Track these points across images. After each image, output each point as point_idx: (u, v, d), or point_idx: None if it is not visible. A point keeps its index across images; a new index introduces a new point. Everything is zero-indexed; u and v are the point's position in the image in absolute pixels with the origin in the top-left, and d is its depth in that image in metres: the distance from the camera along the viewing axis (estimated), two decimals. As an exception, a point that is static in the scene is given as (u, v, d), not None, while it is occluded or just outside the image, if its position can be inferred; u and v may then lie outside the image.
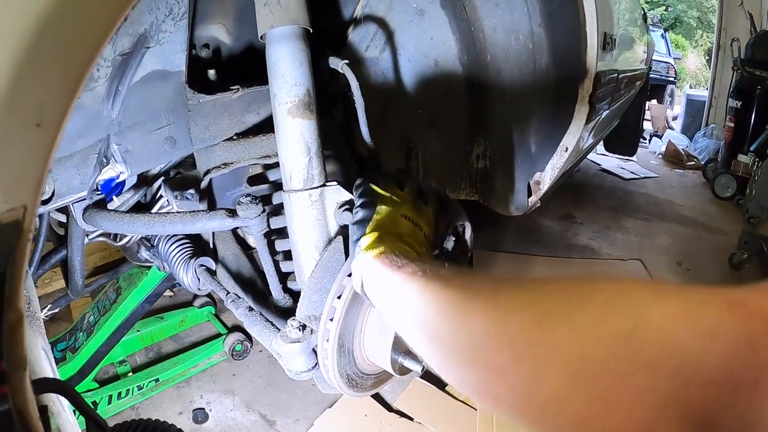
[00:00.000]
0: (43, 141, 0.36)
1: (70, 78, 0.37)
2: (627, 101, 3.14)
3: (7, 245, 0.36)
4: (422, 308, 0.61)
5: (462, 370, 0.55)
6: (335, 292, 0.90)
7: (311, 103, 0.94)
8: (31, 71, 0.34)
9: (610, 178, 5.51)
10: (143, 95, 0.96)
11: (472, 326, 0.52)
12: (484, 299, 0.53)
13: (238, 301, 1.09)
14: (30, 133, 0.35)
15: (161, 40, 0.93)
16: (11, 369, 0.38)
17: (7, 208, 0.35)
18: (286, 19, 0.91)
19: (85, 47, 0.37)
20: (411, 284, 0.65)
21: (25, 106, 0.35)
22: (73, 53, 0.37)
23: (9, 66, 0.33)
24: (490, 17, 1.37)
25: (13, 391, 0.39)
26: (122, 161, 0.98)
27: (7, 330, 0.37)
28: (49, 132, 0.36)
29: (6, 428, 0.38)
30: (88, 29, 0.37)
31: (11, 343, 0.38)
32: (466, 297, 0.56)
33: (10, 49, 0.33)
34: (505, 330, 0.48)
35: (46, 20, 0.34)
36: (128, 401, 1.96)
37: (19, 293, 0.38)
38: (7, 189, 0.35)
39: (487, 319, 0.51)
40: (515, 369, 0.46)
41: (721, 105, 6.66)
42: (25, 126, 0.35)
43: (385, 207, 0.87)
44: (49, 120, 0.36)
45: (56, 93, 0.36)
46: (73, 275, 1.32)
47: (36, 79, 0.35)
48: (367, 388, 1.07)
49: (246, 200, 0.96)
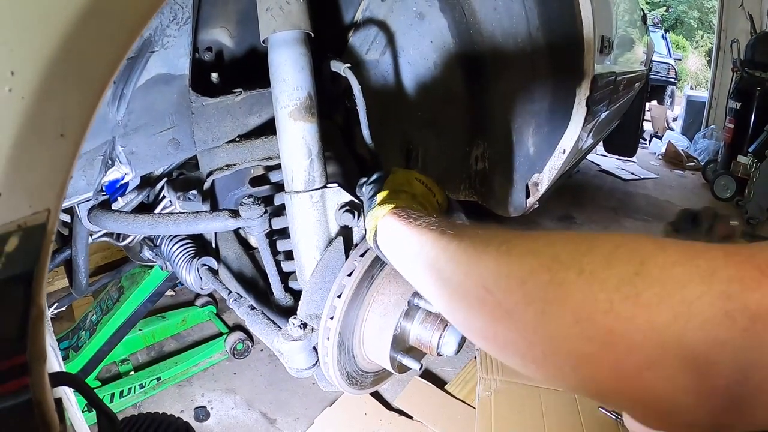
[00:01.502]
0: (66, 150, 0.39)
1: (90, 93, 0.40)
2: (626, 102, 3.16)
3: (33, 246, 0.39)
4: (434, 256, 0.63)
5: (472, 315, 0.57)
6: (335, 291, 0.92)
7: (312, 107, 0.96)
8: (56, 88, 0.37)
9: (609, 178, 5.53)
10: (148, 98, 0.98)
11: (484, 271, 0.54)
12: (497, 245, 0.54)
13: (240, 300, 1.10)
14: (54, 144, 0.38)
15: (165, 45, 0.95)
16: (33, 361, 0.41)
17: (33, 211, 0.38)
18: (287, 24, 0.92)
19: (103, 66, 0.40)
20: (424, 235, 0.67)
21: (50, 119, 0.37)
22: (93, 72, 0.39)
23: (36, 83, 0.36)
24: (489, 21, 1.39)
25: (34, 382, 0.41)
26: (127, 163, 0.99)
27: (30, 324, 0.40)
28: (72, 142, 0.39)
29: (27, 417, 0.41)
30: (106, 49, 0.40)
31: (34, 336, 0.40)
32: (479, 243, 0.57)
33: (38, 68, 0.36)
34: (517, 272, 0.49)
35: (70, 42, 0.37)
36: (130, 399, 1.98)
37: (42, 291, 0.41)
38: (32, 194, 0.38)
39: (499, 262, 0.52)
40: (524, 310, 0.48)
41: (721, 106, 6.69)
42: (50, 137, 0.38)
43: (401, 170, 0.91)
44: (72, 131, 0.39)
45: (78, 107, 0.39)
46: (78, 274, 1.34)
47: (60, 94, 0.37)
48: (367, 385, 1.09)
49: (248, 201, 0.98)
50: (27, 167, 0.37)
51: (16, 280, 0.39)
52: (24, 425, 0.42)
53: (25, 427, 0.42)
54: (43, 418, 0.42)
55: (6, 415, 0.40)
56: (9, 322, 0.39)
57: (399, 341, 0.98)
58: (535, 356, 0.48)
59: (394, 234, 0.75)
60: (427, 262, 0.64)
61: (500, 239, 0.55)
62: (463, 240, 0.60)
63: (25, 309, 0.39)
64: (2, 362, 0.39)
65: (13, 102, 0.35)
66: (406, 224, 0.72)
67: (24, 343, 0.40)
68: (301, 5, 0.94)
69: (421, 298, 0.96)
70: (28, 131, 0.36)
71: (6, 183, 0.36)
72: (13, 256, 0.38)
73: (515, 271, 0.50)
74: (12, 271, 0.38)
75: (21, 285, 0.39)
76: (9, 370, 0.40)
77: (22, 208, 0.38)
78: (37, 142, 0.37)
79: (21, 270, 0.39)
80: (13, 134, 0.36)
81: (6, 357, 0.39)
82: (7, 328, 0.39)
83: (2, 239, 0.37)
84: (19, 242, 0.37)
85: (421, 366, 1.00)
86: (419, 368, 0.99)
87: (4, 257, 0.37)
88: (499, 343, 0.53)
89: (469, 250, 0.58)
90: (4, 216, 0.37)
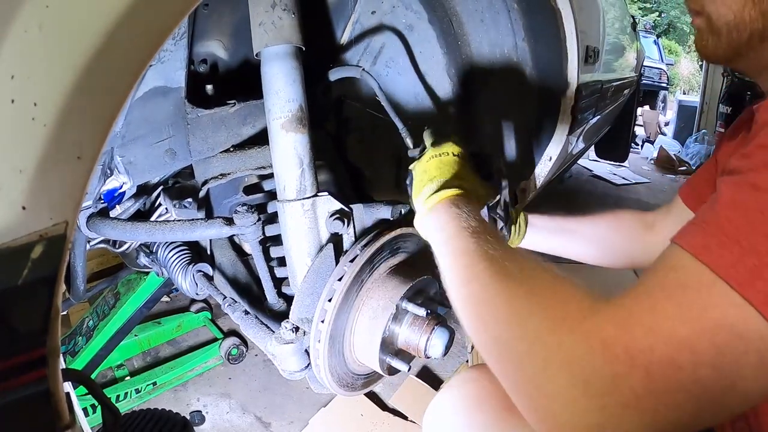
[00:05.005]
0: (83, 170, 0.45)
1: (104, 121, 0.46)
2: (616, 109, 3.20)
3: (54, 253, 0.45)
4: (465, 265, 0.68)
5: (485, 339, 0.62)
6: (326, 295, 0.96)
7: (303, 118, 0.99)
8: (74, 117, 0.43)
9: (602, 183, 5.57)
10: (145, 110, 1.01)
11: (500, 309, 0.59)
12: (515, 286, 0.60)
13: (235, 306, 1.13)
14: (72, 165, 0.44)
15: (162, 59, 0.98)
16: (50, 354, 0.47)
17: (53, 223, 0.44)
18: (279, 39, 0.95)
19: (115, 97, 0.46)
20: (461, 240, 0.71)
21: (68, 144, 0.44)
22: (106, 102, 0.45)
23: (56, 113, 0.42)
24: (476, 32, 1.43)
25: (50, 374, 0.47)
26: (125, 172, 1.02)
27: (50, 322, 0.46)
28: (87, 163, 0.45)
29: (44, 405, 0.47)
30: (117, 82, 0.45)
31: (52, 333, 0.46)
32: (502, 276, 0.62)
33: (57, 100, 0.42)
34: (523, 332, 0.55)
35: (85, 76, 0.42)
36: (126, 404, 1.99)
37: (59, 293, 0.47)
38: (53, 208, 0.44)
39: (511, 312, 0.58)
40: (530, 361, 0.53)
41: (712, 111, 6.75)
42: (68, 159, 0.44)
43: (456, 149, 0.93)
44: (88, 154, 0.45)
45: (93, 132, 0.45)
46: (75, 280, 1.36)
47: (77, 122, 0.43)
48: (358, 387, 1.12)
49: (242, 209, 1.01)
50: (48, 185, 0.43)
51: (40, 283, 0.45)
52: (40, 413, 0.47)
53: (41, 414, 0.47)
54: (56, 407, 0.48)
55: (26, 402, 0.46)
56: (34, 318, 0.45)
57: (388, 344, 1.01)
58: None
59: (435, 227, 0.79)
60: (456, 269, 0.69)
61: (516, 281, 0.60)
62: (492, 264, 0.64)
63: (47, 308, 0.46)
64: (28, 353, 0.45)
65: (36, 129, 0.41)
66: (449, 219, 0.76)
67: (44, 338, 0.46)
68: (293, 20, 0.97)
69: (410, 303, 1.00)
70: (49, 154, 0.42)
71: (31, 199, 0.42)
72: (37, 262, 0.44)
73: (524, 327, 0.55)
74: (37, 274, 0.44)
75: (45, 287, 0.45)
76: (32, 362, 0.46)
77: (44, 220, 0.44)
78: (57, 164, 0.43)
79: (44, 274, 0.45)
80: (37, 156, 0.42)
81: (30, 349, 0.46)
82: (32, 324, 0.45)
83: (29, 247, 0.43)
84: (43, 250, 0.44)
85: (410, 368, 1.03)
86: (408, 369, 1.02)
87: (30, 263, 0.43)
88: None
89: (492, 279, 0.62)
90: (29, 227, 0.43)
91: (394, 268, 1.07)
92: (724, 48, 0.72)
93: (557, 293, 0.56)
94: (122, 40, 0.44)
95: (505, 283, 0.60)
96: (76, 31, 0.42)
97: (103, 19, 0.42)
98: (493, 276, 0.62)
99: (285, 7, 0.95)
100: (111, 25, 0.43)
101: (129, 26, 0.44)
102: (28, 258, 0.43)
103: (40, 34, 0.40)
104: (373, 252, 1.00)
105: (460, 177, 0.87)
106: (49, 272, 0.45)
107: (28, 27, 0.39)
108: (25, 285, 0.43)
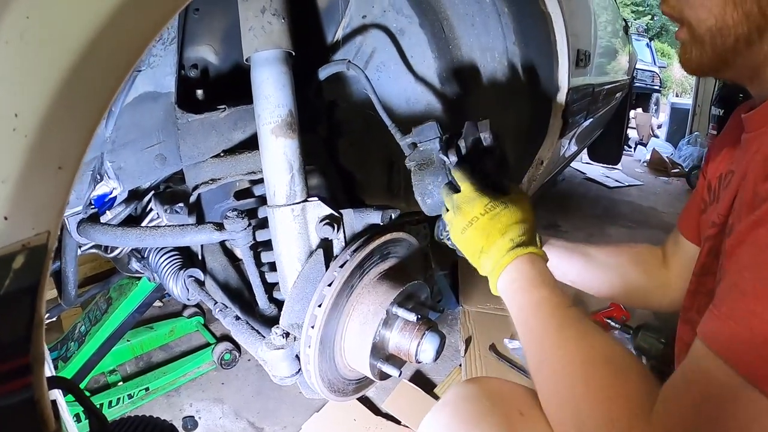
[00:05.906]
0: (64, 180, 0.46)
1: (84, 131, 0.46)
2: (608, 112, 3.22)
3: (36, 263, 0.45)
4: (532, 323, 0.73)
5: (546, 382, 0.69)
6: (316, 301, 0.95)
7: (293, 123, 0.99)
8: (54, 127, 0.43)
9: (595, 186, 5.59)
10: (135, 115, 1.01)
11: (558, 370, 0.66)
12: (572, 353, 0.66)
13: (226, 311, 1.12)
14: (53, 175, 0.45)
15: (152, 64, 0.98)
16: (34, 363, 0.47)
17: (35, 233, 0.44)
18: (269, 44, 0.96)
19: (95, 107, 0.46)
20: (532, 296, 0.75)
21: (49, 154, 0.44)
22: (86, 113, 0.46)
23: (37, 123, 0.42)
24: (467, 36, 1.43)
25: (34, 382, 0.47)
26: (115, 177, 1.02)
27: (33, 331, 0.46)
28: (69, 173, 0.46)
29: (29, 413, 0.48)
30: (97, 94, 0.46)
31: (35, 341, 0.47)
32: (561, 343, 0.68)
33: (38, 110, 0.42)
34: (572, 394, 0.63)
35: (65, 88, 0.43)
36: (119, 410, 1.98)
37: (42, 301, 0.47)
38: (35, 218, 0.44)
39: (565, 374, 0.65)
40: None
41: (704, 113, 6.79)
42: (49, 169, 0.44)
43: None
44: (68, 164, 0.46)
45: (74, 143, 0.46)
46: (67, 286, 1.36)
47: (58, 133, 0.44)
48: (349, 392, 1.11)
49: (233, 214, 1.01)
50: (30, 195, 0.43)
51: (22, 292, 0.45)
52: (25, 421, 0.48)
53: (27, 422, 0.48)
54: (41, 415, 0.49)
55: (11, 410, 0.46)
56: (17, 328, 0.46)
57: (379, 349, 1.01)
58: None
59: (509, 283, 0.80)
60: (526, 323, 0.74)
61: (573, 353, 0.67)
62: (564, 325, 0.70)
63: (29, 317, 0.46)
64: (11, 362, 0.46)
65: (18, 139, 0.42)
66: (523, 275, 0.78)
67: (28, 346, 0.47)
68: (283, 25, 0.97)
69: (400, 308, 1.00)
70: (30, 164, 0.42)
71: (12, 209, 0.42)
72: (19, 272, 0.44)
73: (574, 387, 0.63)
74: (19, 284, 0.44)
75: (26, 296, 0.46)
76: (15, 370, 0.46)
77: (26, 230, 0.44)
78: (38, 174, 0.43)
79: (26, 283, 0.45)
80: (18, 167, 0.42)
81: (13, 358, 0.46)
82: (15, 333, 0.46)
83: (11, 257, 0.43)
84: (25, 260, 0.44)
85: (401, 373, 1.03)
86: (398, 374, 1.02)
87: (12, 273, 0.43)
88: None
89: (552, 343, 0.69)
90: (11, 237, 0.43)
91: (384, 273, 1.07)
92: (710, 56, 0.71)
93: (616, 384, 0.60)
94: (103, 50, 0.44)
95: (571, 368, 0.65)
96: (57, 41, 0.42)
97: (83, 30, 0.43)
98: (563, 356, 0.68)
99: (275, 11, 0.95)
100: (92, 35, 0.43)
101: (109, 37, 0.44)
102: (10, 268, 0.43)
103: (21, 44, 0.40)
104: (363, 257, 1.00)
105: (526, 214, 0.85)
106: (32, 282, 0.45)
107: (9, 38, 0.39)
108: (7, 295, 0.43)
